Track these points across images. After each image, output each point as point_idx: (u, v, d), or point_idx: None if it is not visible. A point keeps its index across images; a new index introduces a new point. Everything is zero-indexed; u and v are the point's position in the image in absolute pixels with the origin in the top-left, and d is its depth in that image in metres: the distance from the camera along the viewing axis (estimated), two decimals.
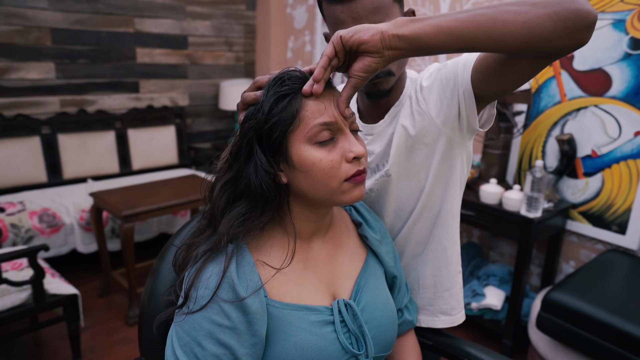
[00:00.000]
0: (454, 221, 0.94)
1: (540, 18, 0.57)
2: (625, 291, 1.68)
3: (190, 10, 3.56)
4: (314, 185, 0.66)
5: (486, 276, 2.30)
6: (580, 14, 0.57)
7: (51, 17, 2.95)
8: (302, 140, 0.65)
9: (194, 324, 0.61)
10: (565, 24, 0.57)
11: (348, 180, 0.66)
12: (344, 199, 0.67)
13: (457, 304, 0.98)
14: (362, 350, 0.70)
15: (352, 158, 0.65)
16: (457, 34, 0.60)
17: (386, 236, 0.87)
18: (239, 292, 0.62)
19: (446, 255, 0.94)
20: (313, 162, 0.64)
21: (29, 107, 2.97)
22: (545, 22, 0.57)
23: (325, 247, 0.75)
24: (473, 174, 2.21)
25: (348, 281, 0.76)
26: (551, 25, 0.57)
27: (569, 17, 0.57)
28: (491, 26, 0.59)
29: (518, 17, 0.58)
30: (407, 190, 0.91)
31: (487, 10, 0.60)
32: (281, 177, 0.67)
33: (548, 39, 0.58)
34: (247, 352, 0.62)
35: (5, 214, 2.46)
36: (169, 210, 2.40)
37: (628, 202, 1.95)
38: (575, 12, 0.57)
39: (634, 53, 1.86)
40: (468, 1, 2.41)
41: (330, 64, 0.64)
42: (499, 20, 0.59)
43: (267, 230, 0.70)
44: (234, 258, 0.64)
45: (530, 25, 0.58)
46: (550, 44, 0.59)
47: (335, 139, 0.66)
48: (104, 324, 2.33)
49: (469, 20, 0.60)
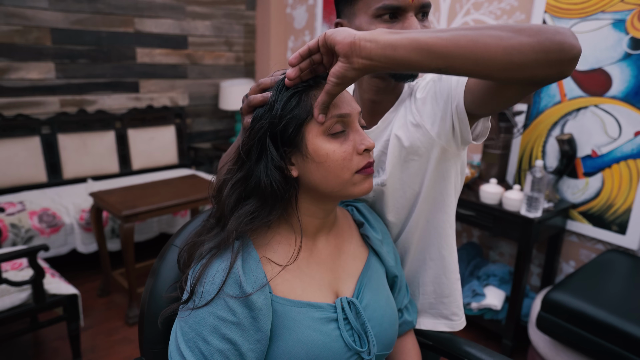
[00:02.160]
0: (451, 230, 0.95)
1: (523, 46, 0.56)
2: (625, 291, 1.68)
3: (190, 10, 3.56)
4: (326, 177, 0.67)
5: (486, 276, 2.30)
6: (564, 46, 0.56)
7: (51, 17, 2.95)
8: (317, 132, 0.67)
9: (199, 319, 0.62)
10: (547, 55, 0.56)
11: (359, 172, 0.68)
12: (355, 191, 0.69)
13: (458, 310, 0.99)
14: (364, 348, 0.71)
15: (363, 150, 0.67)
16: (435, 50, 0.58)
17: (387, 236, 0.88)
18: (244, 288, 0.62)
19: (445, 264, 0.95)
20: (327, 152, 0.66)
21: (29, 107, 2.97)
22: (527, 51, 0.56)
23: (328, 245, 0.76)
24: (473, 174, 2.21)
25: (350, 279, 0.76)
26: (533, 54, 0.56)
27: (552, 48, 0.55)
28: (471, 47, 0.57)
29: (500, 42, 0.56)
30: (402, 200, 0.91)
31: (469, 32, 0.58)
32: (292, 170, 0.68)
33: (529, 67, 0.57)
34: (251, 348, 0.62)
35: (5, 214, 2.46)
36: (169, 210, 2.40)
37: (628, 202, 1.95)
38: (559, 44, 0.56)
39: (634, 53, 1.86)
40: (468, 1, 2.41)
41: (310, 56, 0.65)
42: (480, 43, 0.57)
43: (272, 227, 0.71)
44: (240, 254, 0.65)
45: (511, 52, 0.56)
46: (531, 72, 0.57)
47: (346, 132, 0.69)
48: (104, 324, 2.33)
49: (448, 39, 0.57)
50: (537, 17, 2.12)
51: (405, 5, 0.77)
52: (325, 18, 3.32)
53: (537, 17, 2.12)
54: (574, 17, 2.01)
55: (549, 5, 2.08)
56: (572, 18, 2.02)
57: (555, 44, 0.56)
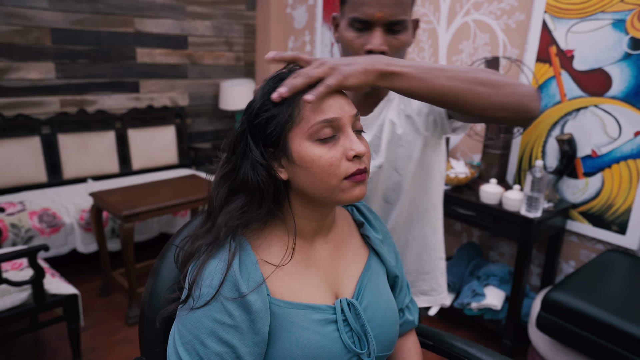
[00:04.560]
0: (435, 212, 1.06)
1: (503, 102, 0.74)
2: (625, 291, 1.68)
3: (190, 10, 3.56)
4: (313, 183, 0.66)
5: (486, 276, 2.30)
6: (527, 109, 0.76)
7: (51, 17, 2.95)
8: (304, 137, 0.65)
9: (196, 321, 0.62)
10: (515, 113, 0.76)
11: (348, 179, 0.66)
12: (344, 198, 0.67)
13: (437, 286, 1.08)
14: (364, 349, 0.70)
15: (352, 156, 0.65)
16: (441, 94, 0.72)
17: (388, 236, 0.88)
18: (241, 290, 0.62)
19: (427, 242, 1.05)
20: (313, 158, 0.64)
21: (29, 107, 2.97)
22: (504, 105, 0.74)
23: (327, 247, 0.76)
24: (473, 174, 2.21)
25: (350, 280, 0.76)
26: (504, 110, 0.75)
27: (518, 109, 0.75)
28: (466, 91, 0.73)
29: (490, 92, 0.73)
30: (392, 182, 1.00)
31: (466, 75, 0.73)
32: (281, 173, 0.67)
33: (499, 116, 0.76)
34: (249, 351, 0.62)
35: (5, 214, 2.46)
36: (169, 210, 2.40)
37: (628, 202, 1.95)
38: (524, 106, 0.75)
39: (634, 53, 1.86)
40: (468, 1, 2.41)
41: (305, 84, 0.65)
42: (474, 91, 0.73)
43: (268, 229, 0.71)
44: (237, 256, 0.64)
45: (493, 102, 0.74)
46: (500, 118, 0.77)
47: (337, 137, 0.66)
48: (104, 324, 2.33)
49: (449, 76, 0.72)
50: (537, 17, 2.11)
51: (372, 20, 0.86)
52: (325, 18, 3.32)
53: (537, 17, 2.12)
54: (574, 17, 2.01)
55: (549, 5, 2.08)
56: (572, 18, 2.02)
57: (522, 105, 0.75)
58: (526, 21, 2.20)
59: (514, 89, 0.75)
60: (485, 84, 0.74)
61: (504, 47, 2.30)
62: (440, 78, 0.71)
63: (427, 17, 2.62)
